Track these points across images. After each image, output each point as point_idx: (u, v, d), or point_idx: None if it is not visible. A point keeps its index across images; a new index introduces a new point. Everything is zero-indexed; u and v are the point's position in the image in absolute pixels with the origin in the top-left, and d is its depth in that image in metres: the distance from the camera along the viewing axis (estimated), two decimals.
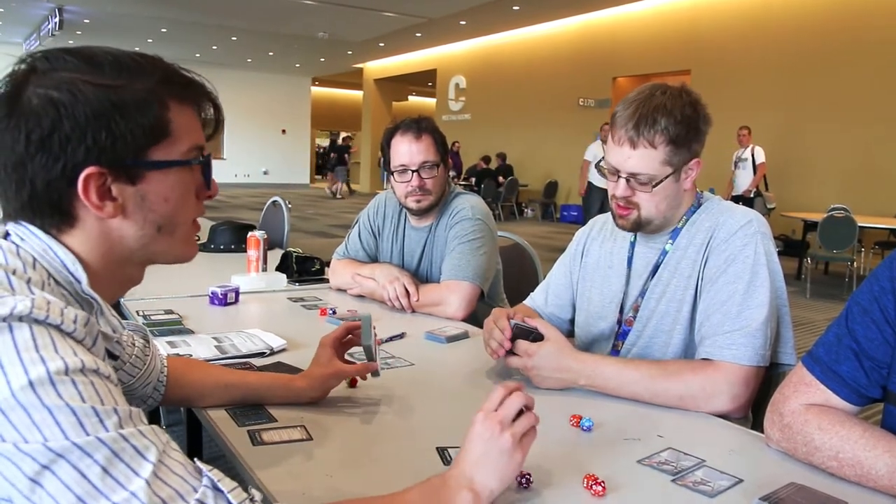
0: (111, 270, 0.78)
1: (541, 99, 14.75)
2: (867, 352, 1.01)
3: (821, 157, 9.76)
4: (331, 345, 1.27)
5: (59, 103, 0.70)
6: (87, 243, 0.75)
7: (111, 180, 0.73)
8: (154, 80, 0.75)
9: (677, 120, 1.34)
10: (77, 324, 0.66)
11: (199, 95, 0.80)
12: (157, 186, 0.76)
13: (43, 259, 0.73)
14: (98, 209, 0.73)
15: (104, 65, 0.73)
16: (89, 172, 0.71)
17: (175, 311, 1.89)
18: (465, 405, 1.34)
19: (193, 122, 0.79)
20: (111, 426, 0.62)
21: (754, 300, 1.32)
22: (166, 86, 0.76)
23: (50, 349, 0.62)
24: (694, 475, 1.01)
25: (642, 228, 1.46)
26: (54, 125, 0.69)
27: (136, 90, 0.73)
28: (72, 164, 0.70)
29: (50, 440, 0.59)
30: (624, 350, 1.52)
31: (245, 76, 22.01)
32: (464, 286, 1.98)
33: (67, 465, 0.59)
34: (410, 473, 1.02)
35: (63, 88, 0.70)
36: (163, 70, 0.77)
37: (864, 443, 0.96)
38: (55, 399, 0.60)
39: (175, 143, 0.76)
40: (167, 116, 0.75)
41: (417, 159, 2.04)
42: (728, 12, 11.11)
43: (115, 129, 0.71)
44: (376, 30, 15.33)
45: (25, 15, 15.35)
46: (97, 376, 0.64)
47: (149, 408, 1.11)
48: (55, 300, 0.66)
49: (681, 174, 1.41)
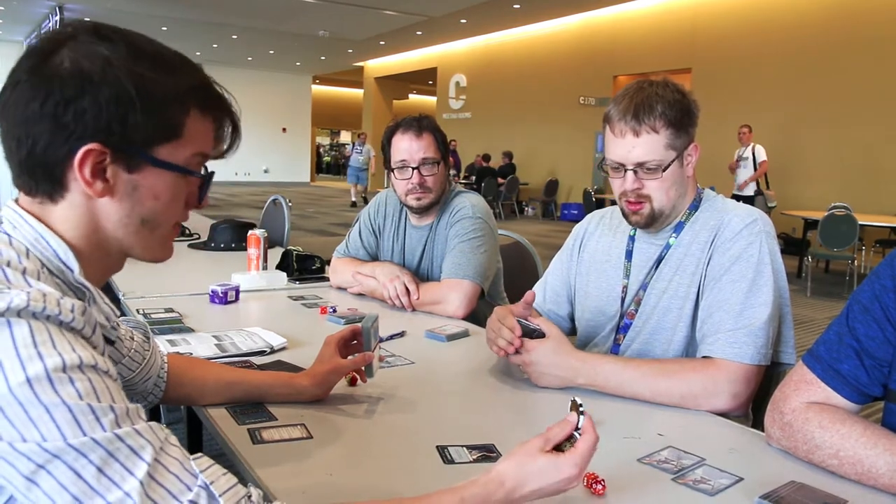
0: (97, 255, 0.77)
1: (541, 97, 14.75)
2: (868, 350, 1.01)
3: (821, 155, 9.76)
4: (335, 343, 1.27)
5: (88, 76, 0.70)
6: (71, 220, 0.75)
7: (109, 161, 0.73)
8: (186, 83, 0.76)
9: (672, 104, 1.38)
10: (75, 312, 0.66)
11: (223, 112, 0.81)
12: (151, 182, 0.76)
13: (35, 249, 0.73)
14: (88, 185, 0.72)
15: (145, 54, 0.74)
16: (91, 148, 0.71)
17: (175, 310, 1.88)
18: (465, 404, 1.35)
19: (208, 134, 0.80)
20: (108, 425, 0.62)
21: (757, 299, 1.32)
22: (195, 93, 0.77)
23: (48, 345, 0.62)
24: (694, 474, 1.01)
25: (656, 221, 1.46)
26: (76, 96, 0.69)
27: (166, 87, 0.74)
28: (77, 135, 0.70)
29: (47, 440, 0.59)
30: (625, 344, 1.51)
31: (246, 74, 21.99)
32: (464, 285, 1.98)
33: (63, 465, 0.59)
34: (410, 472, 1.02)
35: (97, 63, 0.70)
36: (197, 77, 0.78)
37: (865, 441, 0.96)
38: (52, 396, 0.60)
39: (183, 147, 0.77)
40: (184, 121, 0.76)
41: (418, 156, 2.04)
42: (729, 11, 11.11)
43: (131, 117, 0.71)
44: (377, 28, 15.33)
45: (26, 13, 15.35)
46: (95, 372, 0.64)
47: (149, 405, 1.11)
48: (51, 291, 0.66)
49: (683, 159, 1.43)
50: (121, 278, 2.20)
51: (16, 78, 0.72)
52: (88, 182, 0.72)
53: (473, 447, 1.07)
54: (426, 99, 23.58)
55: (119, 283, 2.15)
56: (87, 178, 0.72)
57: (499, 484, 0.81)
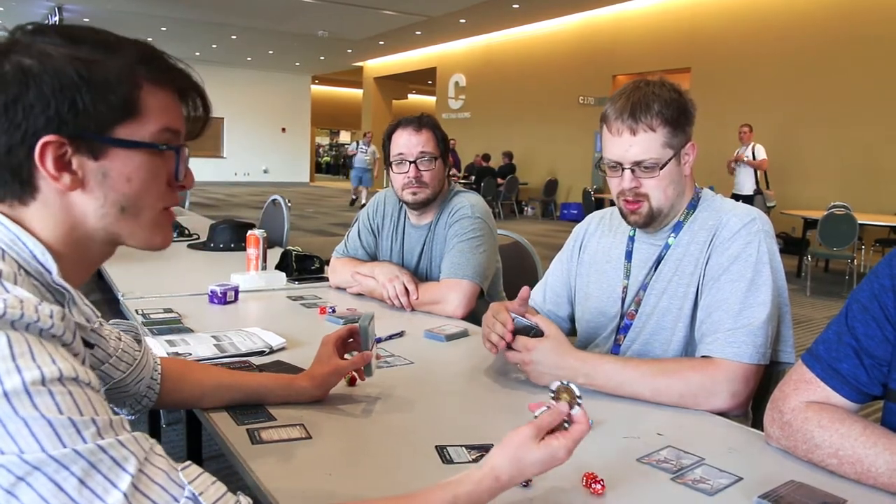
0: (77, 252, 0.76)
1: (541, 97, 14.75)
2: (867, 349, 1.01)
3: (821, 154, 9.76)
4: (333, 343, 1.27)
5: (28, 71, 0.70)
6: (48, 219, 0.74)
7: (71, 152, 0.72)
8: (131, 59, 0.74)
9: (668, 103, 1.38)
10: (54, 319, 0.64)
11: (181, 81, 0.79)
12: (120, 165, 0.74)
13: (11, 250, 0.71)
14: (55, 179, 0.71)
15: (85, 41, 0.73)
16: (47, 140, 0.70)
17: (174, 310, 1.88)
18: (464, 404, 1.34)
19: (170, 106, 0.78)
20: (89, 437, 0.60)
21: (756, 298, 1.32)
22: (143, 66, 0.75)
23: (27, 357, 0.60)
24: (693, 473, 1.01)
25: (654, 220, 1.46)
26: (20, 92, 0.69)
27: (109, 67, 0.72)
28: (32, 131, 0.70)
29: (26, 452, 0.57)
30: (626, 344, 1.51)
31: (245, 74, 22.02)
32: (463, 284, 1.98)
33: (44, 477, 0.58)
34: (409, 472, 1.02)
35: (35, 58, 0.70)
36: (143, 51, 0.76)
37: (864, 440, 0.96)
38: (31, 410, 0.58)
39: (144, 123, 0.75)
40: (138, 95, 0.74)
41: (415, 150, 2.05)
42: (728, 10, 11.11)
43: (79, 101, 0.70)
44: (376, 28, 15.33)
45: (25, 14, 15.33)
46: (76, 384, 0.62)
47: (144, 408, 1.11)
48: (29, 296, 0.64)
49: (681, 157, 1.43)
50: (120, 278, 2.20)
51: None
52: (55, 177, 0.71)
53: (472, 447, 1.07)
54: (426, 99, 23.57)
55: (118, 283, 2.15)
56: (52, 172, 0.71)
57: (493, 479, 0.81)
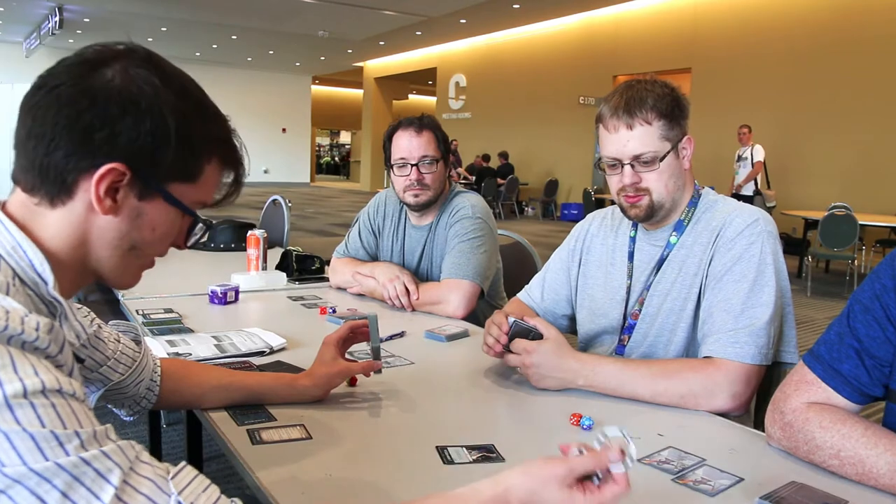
0: (75, 268, 0.76)
1: (541, 97, 14.75)
2: (869, 350, 1.01)
3: (821, 155, 9.75)
4: (334, 343, 1.27)
5: (136, 101, 0.70)
6: (66, 228, 0.73)
7: (125, 184, 0.72)
8: (218, 134, 0.79)
9: (661, 97, 1.40)
10: (40, 331, 0.63)
11: (238, 169, 0.83)
12: (155, 213, 0.76)
13: (10, 257, 0.70)
14: (98, 200, 0.72)
15: (191, 95, 0.76)
16: (115, 168, 0.70)
17: (175, 310, 1.88)
18: (465, 404, 1.34)
19: (217, 185, 0.82)
20: (72, 450, 0.59)
21: (759, 299, 1.32)
22: (221, 145, 0.79)
23: (8, 369, 0.59)
24: (694, 474, 1.01)
25: (655, 214, 1.46)
26: (118, 116, 0.69)
27: (201, 133, 0.76)
28: (105, 153, 0.70)
29: (7, 466, 0.56)
30: (630, 345, 1.51)
31: (245, 75, 22.02)
32: (464, 285, 1.98)
33: (25, 490, 0.57)
34: (410, 472, 1.01)
35: (147, 90, 0.71)
36: (227, 130, 0.81)
37: (866, 441, 0.96)
38: (12, 424, 0.57)
39: (193, 190, 0.78)
40: (204, 168, 0.78)
41: (417, 153, 2.05)
42: (729, 10, 11.10)
43: (163, 150, 0.72)
44: (376, 28, 15.33)
45: (25, 14, 15.34)
46: (59, 396, 0.61)
47: (144, 409, 1.11)
48: (16, 307, 0.63)
49: (679, 151, 1.44)
50: None
51: (55, 81, 0.70)
52: (100, 198, 0.72)
53: (473, 447, 1.07)
54: (426, 99, 23.57)
55: None
56: (100, 194, 0.71)
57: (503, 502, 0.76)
